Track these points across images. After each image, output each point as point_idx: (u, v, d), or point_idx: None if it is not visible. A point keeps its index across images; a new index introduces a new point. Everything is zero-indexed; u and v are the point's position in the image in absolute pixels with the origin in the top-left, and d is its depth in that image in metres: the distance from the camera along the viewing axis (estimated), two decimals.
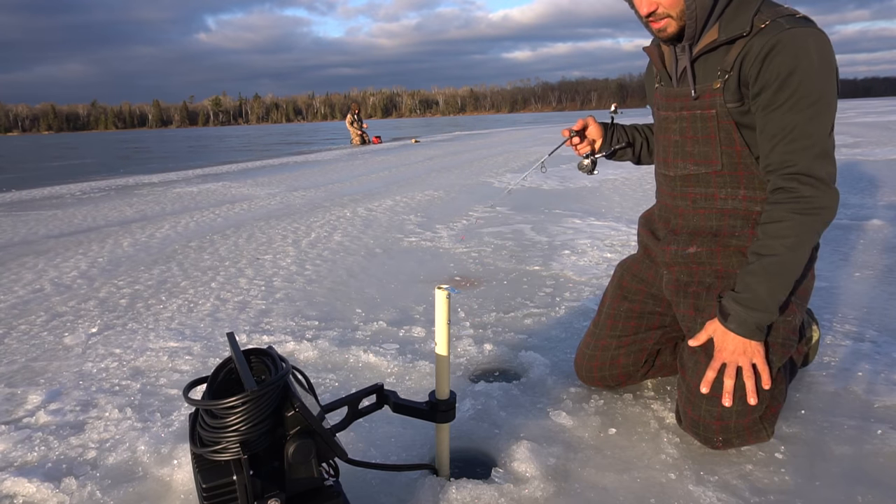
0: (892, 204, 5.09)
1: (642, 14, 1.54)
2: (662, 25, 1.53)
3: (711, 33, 1.53)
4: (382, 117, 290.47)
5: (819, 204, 1.45)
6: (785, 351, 1.57)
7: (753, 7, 1.48)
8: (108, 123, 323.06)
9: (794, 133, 1.45)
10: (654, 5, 1.50)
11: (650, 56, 1.75)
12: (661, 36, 1.57)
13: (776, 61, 1.43)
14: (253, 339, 2.55)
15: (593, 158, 1.92)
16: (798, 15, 1.46)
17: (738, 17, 1.49)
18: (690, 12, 1.48)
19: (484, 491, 1.44)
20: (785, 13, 1.46)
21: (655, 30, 1.56)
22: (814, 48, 1.41)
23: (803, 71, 1.41)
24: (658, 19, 1.52)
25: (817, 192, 1.44)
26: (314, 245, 4.39)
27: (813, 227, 1.46)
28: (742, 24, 1.48)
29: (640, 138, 1.97)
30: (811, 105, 1.42)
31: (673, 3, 1.48)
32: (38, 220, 6.12)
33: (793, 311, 1.58)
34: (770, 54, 1.43)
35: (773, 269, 1.47)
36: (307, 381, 1.26)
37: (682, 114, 1.64)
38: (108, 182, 10.11)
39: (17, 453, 1.73)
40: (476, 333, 2.51)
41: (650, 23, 1.54)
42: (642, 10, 1.52)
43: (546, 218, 5.11)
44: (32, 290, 3.48)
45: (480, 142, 18.25)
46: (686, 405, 1.60)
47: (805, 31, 1.42)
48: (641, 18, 1.56)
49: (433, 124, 56.32)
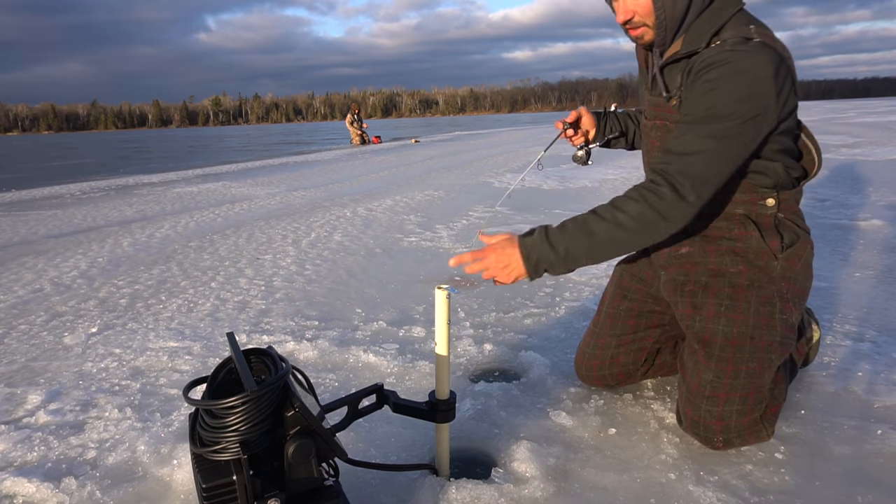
0: (892, 204, 5.09)
1: (619, 22, 1.56)
2: (639, 33, 1.55)
3: (676, 45, 1.54)
4: (382, 117, 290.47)
5: (669, 210, 1.41)
6: (784, 349, 1.57)
7: (718, 23, 1.47)
8: (108, 123, 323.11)
9: (683, 141, 1.43)
10: (631, 13, 1.51)
11: (638, 57, 1.77)
12: (639, 43, 1.60)
13: (701, 79, 1.43)
14: (253, 339, 2.55)
15: (587, 149, 1.93)
16: (754, 39, 1.42)
17: (701, 31, 1.49)
18: (661, 22, 1.49)
19: (484, 491, 1.44)
20: (742, 34, 1.43)
21: (633, 37, 1.58)
22: (743, 74, 1.38)
23: (719, 94, 1.39)
24: (635, 27, 1.54)
25: (675, 201, 1.41)
26: (314, 245, 4.39)
27: (651, 223, 1.43)
28: (700, 40, 1.48)
29: (633, 125, 1.99)
30: (714, 124, 1.40)
31: (648, 13, 1.50)
32: (38, 219, 6.12)
33: (789, 309, 1.58)
34: (700, 72, 1.44)
35: (590, 227, 1.46)
36: (307, 381, 1.26)
37: (657, 123, 1.67)
38: (108, 182, 10.11)
39: (16, 453, 1.73)
40: (476, 333, 2.51)
41: (628, 30, 1.57)
42: (619, 18, 1.55)
43: (546, 218, 5.11)
44: (32, 289, 3.48)
45: (480, 142, 18.25)
46: (686, 405, 1.60)
47: (741, 54, 1.39)
48: (621, 25, 1.58)
49: (433, 124, 56.33)
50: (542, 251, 1.47)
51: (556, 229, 1.49)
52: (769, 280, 1.57)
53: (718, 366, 1.55)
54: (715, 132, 1.40)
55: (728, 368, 1.54)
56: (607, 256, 1.48)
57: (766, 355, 1.54)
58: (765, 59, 1.39)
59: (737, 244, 1.59)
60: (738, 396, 1.54)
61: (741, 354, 1.54)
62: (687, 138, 1.43)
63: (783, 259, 1.57)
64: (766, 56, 1.39)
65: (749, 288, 1.57)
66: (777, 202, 1.57)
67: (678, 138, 1.45)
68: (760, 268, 1.57)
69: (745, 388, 1.54)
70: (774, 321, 1.55)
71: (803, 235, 1.61)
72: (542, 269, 1.49)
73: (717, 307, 1.58)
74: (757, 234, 1.57)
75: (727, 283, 1.59)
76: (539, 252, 1.47)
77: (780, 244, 1.57)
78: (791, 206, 1.61)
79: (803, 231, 1.62)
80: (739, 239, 1.59)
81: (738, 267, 1.58)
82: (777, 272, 1.57)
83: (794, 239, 1.59)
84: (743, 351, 1.54)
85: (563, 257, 1.47)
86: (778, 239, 1.58)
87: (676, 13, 1.49)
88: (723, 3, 1.50)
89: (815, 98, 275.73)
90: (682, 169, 1.42)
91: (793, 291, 1.59)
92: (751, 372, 1.53)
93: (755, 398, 1.55)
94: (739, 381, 1.53)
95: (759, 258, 1.57)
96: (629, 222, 1.44)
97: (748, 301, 1.56)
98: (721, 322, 1.56)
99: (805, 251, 1.61)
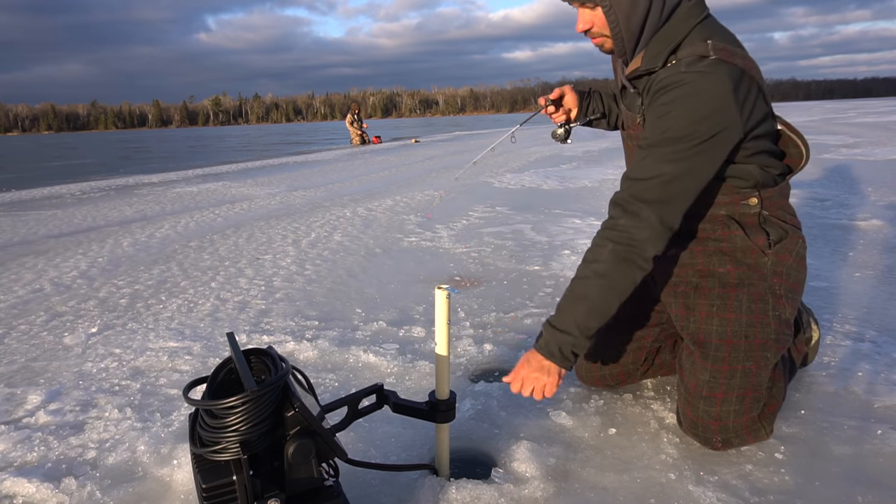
0: (892, 204, 5.09)
1: (578, 31, 1.56)
2: (599, 42, 1.56)
3: (636, 61, 1.54)
4: (382, 117, 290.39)
5: (634, 236, 1.40)
6: (779, 346, 1.56)
7: (674, 41, 1.46)
8: (108, 123, 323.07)
9: (640, 167, 1.43)
10: (589, 24, 1.52)
11: (613, 66, 1.78)
12: (602, 51, 1.59)
13: (658, 102, 1.43)
14: (253, 339, 2.55)
15: (567, 127, 1.94)
16: (710, 56, 1.40)
17: (658, 49, 1.48)
18: (616, 34, 1.50)
19: (484, 491, 1.44)
20: (698, 52, 1.42)
21: (596, 45, 1.58)
22: (698, 96, 1.37)
23: (674, 117, 1.38)
24: (594, 37, 1.55)
25: (635, 224, 1.40)
26: (314, 245, 4.39)
27: (626, 257, 1.42)
28: (657, 59, 1.48)
29: (616, 109, 1.98)
30: (669, 147, 1.39)
31: (603, 25, 1.50)
32: (38, 219, 6.12)
33: (782, 304, 1.57)
34: (658, 94, 1.43)
35: (579, 293, 1.46)
36: (307, 381, 1.26)
37: (630, 133, 1.68)
38: (108, 182, 10.12)
39: (16, 453, 1.73)
40: (476, 333, 2.51)
41: (590, 39, 1.57)
42: (577, 28, 1.55)
43: (546, 218, 5.11)
44: (32, 289, 3.48)
45: (481, 142, 18.24)
46: (685, 406, 1.61)
47: (696, 76, 1.38)
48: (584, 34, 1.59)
49: (433, 124, 56.32)
50: (558, 340, 1.47)
51: (556, 315, 1.50)
52: (760, 277, 1.56)
53: (714, 366, 1.55)
54: (671, 155, 1.39)
55: (724, 368, 1.54)
56: (614, 305, 1.46)
57: (761, 353, 1.54)
58: (721, 77, 1.37)
59: (723, 244, 1.59)
60: (736, 396, 1.53)
61: (736, 354, 1.54)
62: (645, 163, 1.42)
63: (773, 254, 1.56)
64: (721, 73, 1.37)
65: (739, 286, 1.56)
66: (760, 200, 1.55)
67: (638, 163, 1.44)
68: (750, 265, 1.57)
69: (742, 388, 1.53)
70: (768, 318, 1.55)
71: (791, 230, 1.60)
72: (570, 352, 1.48)
73: (709, 307, 1.58)
74: (741, 233, 1.56)
75: (717, 282, 1.59)
76: (555, 342, 1.48)
77: (766, 241, 1.57)
78: (777, 202, 1.59)
79: (791, 226, 1.60)
80: (724, 239, 1.59)
81: (727, 266, 1.58)
82: (768, 268, 1.57)
83: (781, 235, 1.58)
84: (738, 350, 1.54)
85: (577, 334, 1.46)
86: (764, 236, 1.57)
87: (631, 27, 1.48)
88: (681, 16, 1.48)
89: (815, 98, 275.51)
90: (636, 193, 1.41)
91: (785, 286, 1.58)
92: (747, 371, 1.53)
93: (752, 397, 1.55)
94: (736, 380, 1.53)
95: (748, 256, 1.57)
96: (606, 268, 1.43)
97: (739, 299, 1.56)
98: (714, 322, 1.56)
99: (796, 245, 1.59)
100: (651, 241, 1.41)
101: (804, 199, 5.38)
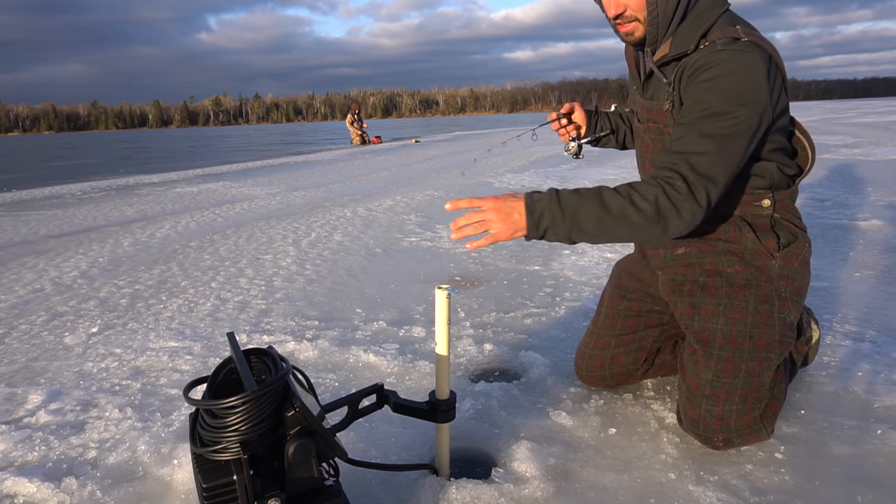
0: (892, 204, 5.09)
1: (609, 16, 1.54)
2: (630, 29, 1.53)
3: (664, 47, 1.54)
4: (382, 117, 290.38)
5: (683, 203, 1.37)
6: (783, 348, 1.57)
7: (706, 24, 1.47)
8: (108, 123, 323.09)
9: (686, 142, 1.41)
10: (622, 7, 1.50)
11: (627, 59, 1.77)
12: (628, 40, 1.57)
13: (694, 81, 1.43)
14: (253, 338, 2.55)
15: (579, 143, 2.00)
16: (743, 39, 1.42)
17: (689, 34, 1.48)
18: (652, 18, 1.49)
19: (484, 491, 1.44)
20: (730, 35, 1.44)
21: (623, 33, 1.56)
22: (736, 74, 1.38)
23: (715, 94, 1.39)
24: (625, 22, 1.52)
25: (688, 196, 1.37)
26: (314, 245, 4.39)
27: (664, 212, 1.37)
28: (688, 41, 1.48)
29: (624, 126, 2.00)
30: (712, 123, 1.39)
31: (640, 7, 1.48)
32: (39, 219, 6.12)
33: (787, 307, 1.58)
34: (693, 75, 1.43)
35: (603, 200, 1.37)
36: (307, 381, 1.26)
37: (650, 126, 1.66)
38: (109, 182, 10.12)
39: (17, 453, 1.73)
40: (476, 333, 2.51)
41: (618, 25, 1.55)
42: (610, 12, 1.53)
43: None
44: (33, 289, 3.48)
45: (481, 142, 18.25)
46: (686, 405, 1.61)
47: (733, 55, 1.39)
48: (610, 21, 1.57)
49: (433, 124, 56.31)
50: (549, 207, 1.35)
51: (569, 192, 1.38)
52: (767, 279, 1.57)
53: (718, 365, 1.55)
54: (714, 131, 1.39)
55: (727, 368, 1.54)
56: (610, 236, 1.39)
57: (765, 354, 1.54)
58: (756, 59, 1.39)
59: (732, 245, 1.59)
60: (738, 396, 1.54)
61: (740, 353, 1.54)
62: (688, 139, 1.42)
63: (781, 258, 1.57)
64: (756, 55, 1.40)
65: (747, 287, 1.57)
66: (773, 203, 1.56)
67: (680, 139, 1.43)
68: (758, 267, 1.57)
69: (745, 388, 1.54)
70: (773, 320, 1.55)
71: (800, 234, 1.61)
72: (544, 229, 1.35)
73: (716, 306, 1.58)
74: (752, 236, 1.57)
75: (725, 282, 1.59)
76: (544, 207, 1.35)
77: (776, 244, 1.57)
78: (787, 205, 1.61)
79: (800, 230, 1.62)
80: (735, 241, 1.59)
81: (735, 267, 1.58)
82: (775, 271, 1.57)
83: (790, 238, 1.59)
84: (742, 350, 1.54)
85: (568, 219, 1.35)
86: (774, 239, 1.58)
87: (668, 10, 1.48)
88: (708, 5, 1.49)
89: (816, 98, 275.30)
90: (693, 166, 1.39)
91: (791, 290, 1.59)
92: (750, 371, 1.54)
93: (755, 397, 1.55)
94: (739, 380, 1.53)
95: (756, 258, 1.58)
96: (644, 205, 1.36)
97: (746, 300, 1.56)
98: (720, 321, 1.56)
99: (802, 249, 1.60)
100: (693, 219, 1.39)
101: (804, 199, 5.38)
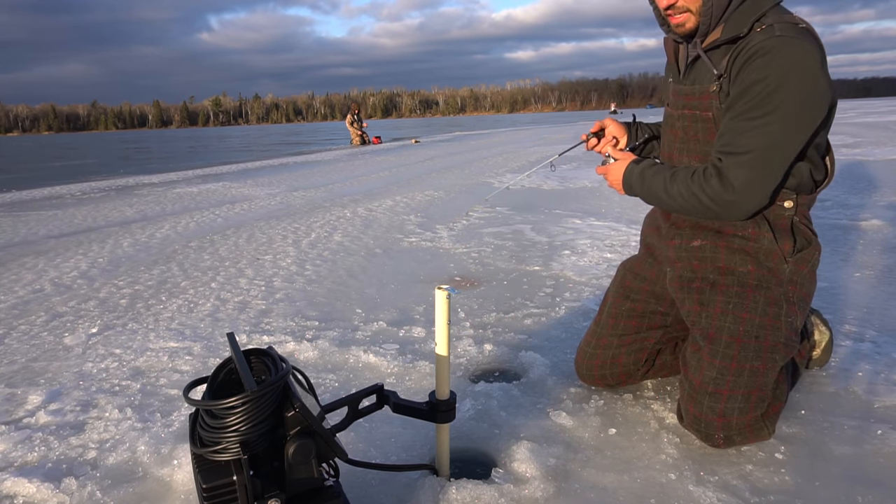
0: (892, 204, 5.09)
1: (661, 6, 1.53)
2: (682, 20, 1.53)
3: (716, 32, 1.53)
4: (382, 117, 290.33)
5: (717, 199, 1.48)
6: (788, 351, 1.57)
7: (759, 11, 1.47)
8: (108, 124, 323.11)
9: (729, 138, 1.45)
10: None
11: (666, 48, 1.75)
12: (678, 31, 1.56)
13: (751, 66, 1.42)
14: (253, 339, 2.55)
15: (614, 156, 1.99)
16: (800, 25, 1.43)
17: (742, 19, 1.48)
18: (707, 9, 1.48)
19: (484, 491, 1.44)
20: (786, 20, 1.44)
21: (674, 25, 1.55)
22: (792, 62, 1.38)
23: (768, 82, 1.39)
24: (677, 13, 1.52)
25: (723, 195, 1.47)
26: (314, 245, 4.39)
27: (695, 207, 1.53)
28: (742, 25, 1.47)
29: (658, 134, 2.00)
30: (761, 117, 1.40)
31: None
32: (39, 220, 6.12)
33: (794, 311, 1.58)
34: (750, 59, 1.43)
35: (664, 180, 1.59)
36: (307, 381, 1.26)
37: (684, 112, 1.65)
38: (109, 182, 10.12)
39: (17, 453, 1.73)
40: (476, 333, 2.51)
41: (669, 17, 1.54)
42: (661, 3, 1.52)
43: (546, 218, 5.11)
44: (33, 290, 3.48)
45: (481, 142, 18.25)
46: (688, 402, 1.61)
47: (793, 42, 1.39)
48: (660, 13, 1.56)
49: (433, 124, 56.31)
50: (635, 181, 1.68)
51: (651, 170, 1.64)
52: (778, 282, 1.57)
53: (722, 363, 1.55)
54: (759, 127, 1.41)
55: (732, 366, 1.54)
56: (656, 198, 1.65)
57: (770, 355, 1.54)
58: (815, 48, 1.39)
59: (749, 243, 1.59)
60: (741, 394, 1.54)
61: (746, 352, 1.54)
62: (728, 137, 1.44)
63: (793, 262, 1.58)
64: (815, 44, 1.40)
65: (758, 288, 1.57)
66: (795, 204, 1.56)
67: (728, 134, 1.45)
68: (770, 269, 1.57)
69: (748, 387, 1.54)
70: (780, 322, 1.55)
71: (814, 241, 1.62)
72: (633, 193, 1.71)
73: (725, 304, 1.58)
74: (770, 236, 1.57)
75: (736, 281, 1.59)
76: (632, 181, 1.69)
77: (792, 247, 1.57)
78: (805, 210, 1.61)
79: (814, 236, 1.62)
80: (752, 238, 1.59)
81: (748, 266, 1.58)
82: (786, 275, 1.57)
83: (805, 244, 1.59)
84: (748, 349, 1.54)
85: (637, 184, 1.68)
86: (791, 242, 1.57)
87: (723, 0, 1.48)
88: None
89: None
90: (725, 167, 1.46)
91: (798, 295, 1.59)
92: (754, 370, 1.54)
93: (758, 396, 1.55)
94: (743, 378, 1.53)
95: (770, 259, 1.58)
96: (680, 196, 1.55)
97: (756, 301, 1.56)
98: (728, 319, 1.56)
99: (813, 256, 1.61)
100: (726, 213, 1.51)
101: None
